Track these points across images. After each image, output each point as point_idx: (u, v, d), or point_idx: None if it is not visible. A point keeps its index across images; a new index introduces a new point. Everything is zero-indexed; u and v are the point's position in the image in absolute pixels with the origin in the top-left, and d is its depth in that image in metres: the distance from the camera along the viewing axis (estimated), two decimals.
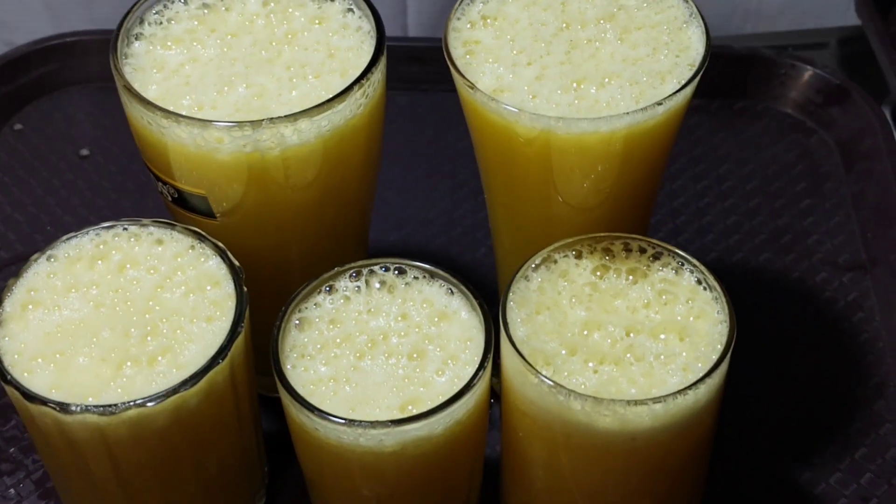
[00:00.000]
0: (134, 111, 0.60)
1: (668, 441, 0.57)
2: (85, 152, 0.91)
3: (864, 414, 0.74)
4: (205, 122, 0.58)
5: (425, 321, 0.61)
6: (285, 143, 0.59)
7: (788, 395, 0.75)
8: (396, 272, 0.62)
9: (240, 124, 0.57)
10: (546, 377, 0.55)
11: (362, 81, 0.60)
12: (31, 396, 0.56)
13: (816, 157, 0.90)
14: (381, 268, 0.62)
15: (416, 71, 0.95)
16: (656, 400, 0.54)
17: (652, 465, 0.58)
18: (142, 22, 0.64)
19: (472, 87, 0.58)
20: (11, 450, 0.73)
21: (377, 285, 0.62)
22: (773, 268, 0.82)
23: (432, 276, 0.62)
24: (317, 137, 0.59)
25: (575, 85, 0.58)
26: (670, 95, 0.57)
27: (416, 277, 0.62)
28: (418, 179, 0.89)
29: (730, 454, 0.71)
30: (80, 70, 0.95)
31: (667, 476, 0.59)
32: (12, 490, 0.71)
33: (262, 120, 0.57)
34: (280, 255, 0.65)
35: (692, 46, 0.60)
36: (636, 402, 0.54)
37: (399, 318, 0.61)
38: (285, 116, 0.58)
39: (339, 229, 0.67)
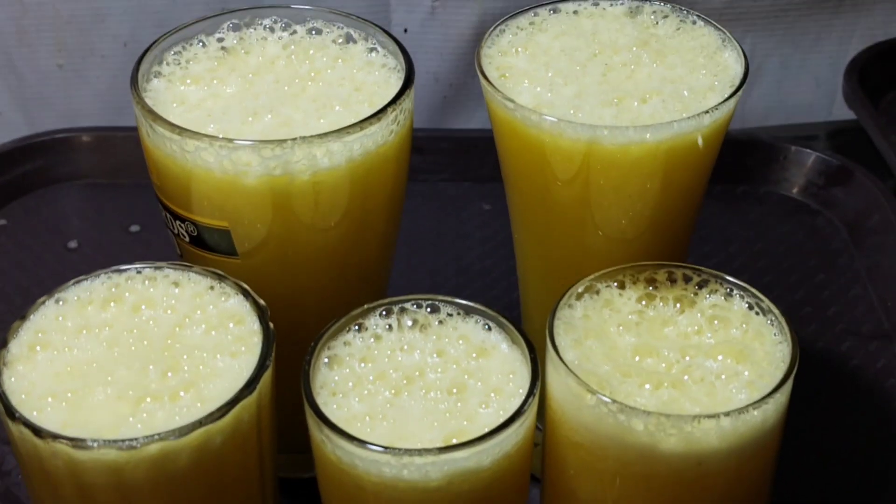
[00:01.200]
0: (155, 140, 0.57)
1: (734, 468, 0.53)
2: (73, 245, 0.87)
3: None
4: (234, 143, 0.55)
5: (463, 357, 0.57)
6: (316, 166, 0.56)
7: (832, 463, 0.71)
8: (429, 310, 0.59)
9: (271, 143, 0.55)
10: (605, 396, 0.52)
11: (395, 105, 0.58)
12: (41, 432, 0.51)
13: (824, 236, 0.89)
14: (412, 304, 0.59)
15: (414, 161, 0.93)
16: (726, 414, 0.51)
17: (717, 495, 0.53)
18: (160, 62, 0.62)
19: (513, 102, 0.56)
20: None
21: (409, 323, 0.58)
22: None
23: (468, 312, 0.59)
24: (347, 161, 0.57)
25: (616, 100, 0.57)
26: (717, 105, 0.55)
27: (450, 315, 0.59)
28: (423, 262, 0.86)
29: None
30: (67, 167, 0.93)
31: None
32: None
33: (295, 138, 0.55)
34: (300, 303, 0.62)
35: (730, 67, 0.59)
36: (704, 417, 0.51)
37: (435, 355, 0.57)
38: (318, 136, 0.55)
39: (360, 279, 0.63)
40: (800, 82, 1.09)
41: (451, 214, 0.91)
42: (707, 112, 0.55)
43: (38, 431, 0.51)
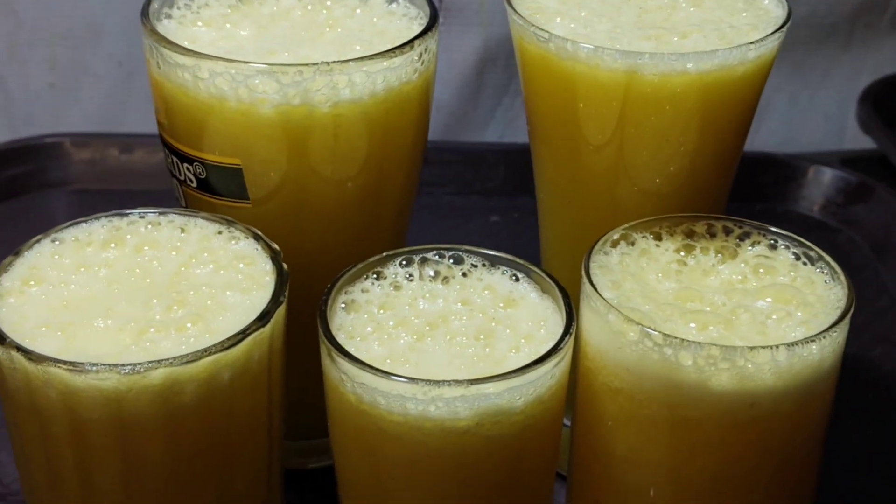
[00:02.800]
0: (166, 70, 0.54)
1: (787, 413, 0.48)
2: None
3: None
4: (251, 66, 0.52)
5: (490, 306, 0.53)
6: (337, 97, 0.53)
7: (867, 462, 0.67)
8: (452, 260, 0.55)
9: (291, 67, 0.52)
10: (650, 328, 0.48)
11: (422, 39, 0.55)
12: (33, 355, 0.46)
13: (846, 252, 0.86)
14: (434, 254, 0.55)
15: None
16: (783, 345, 0.47)
17: (769, 448, 0.49)
18: (171, 6, 0.59)
19: (547, 33, 0.53)
20: None
21: (431, 273, 0.54)
22: None
23: (493, 263, 0.55)
24: (370, 96, 0.53)
25: (654, 35, 0.54)
26: (763, 38, 0.53)
27: (474, 265, 0.55)
28: None
29: None
30: (57, 172, 0.90)
31: (781, 472, 0.50)
32: None
33: (317, 63, 0.52)
34: (312, 258, 0.57)
35: (771, 11, 0.56)
36: (760, 348, 0.47)
37: (459, 304, 0.53)
38: (340, 62, 0.52)
39: (377, 237, 0.59)
40: (809, 118, 1.08)
41: (458, 227, 0.87)
42: (753, 43, 0.52)
43: (29, 355, 0.46)
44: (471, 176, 0.91)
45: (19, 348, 0.47)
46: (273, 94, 0.52)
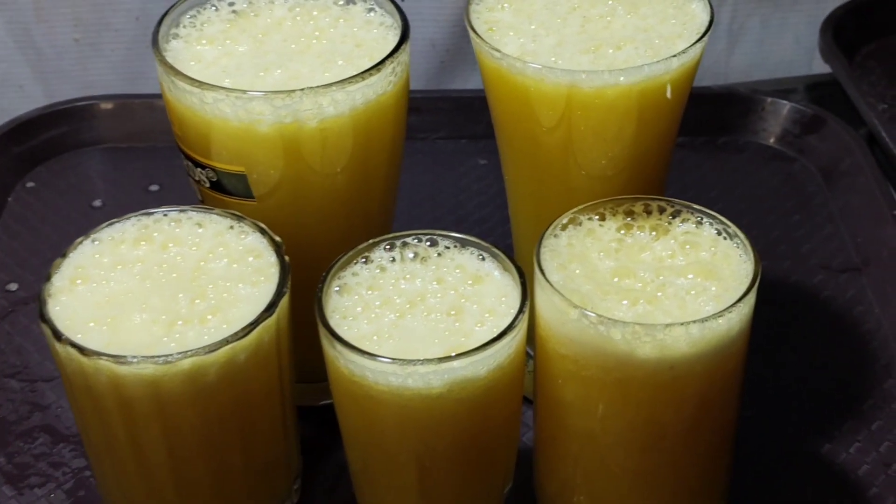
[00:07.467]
0: (177, 94, 0.63)
1: (703, 372, 0.59)
2: (97, 203, 0.93)
3: (877, 392, 0.77)
4: (248, 94, 0.61)
5: (460, 283, 0.63)
6: (322, 114, 0.62)
7: (806, 381, 0.78)
8: (428, 243, 0.65)
9: (281, 93, 0.61)
10: (587, 310, 0.58)
11: (393, 57, 0.64)
12: (85, 350, 0.57)
13: (800, 180, 0.95)
14: (413, 238, 0.65)
15: (412, 120, 0.99)
16: (693, 322, 0.57)
17: (687, 400, 0.60)
18: (177, 25, 0.68)
19: (499, 52, 0.62)
20: (40, 464, 0.73)
21: (410, 255, 0.65)
22: (773, 273, 0.86)
23: (463, 244, 0.65)
24: (351, 110, 0.63)
25: (593, 48, 0.63)
26: (685, 50, 0.61)
27: (447, 247, 0.65)
28: (424, 214, 0.92)
29: (756, 435, 0.73)
30: (88, 132, 0.99)
31: (701, 418, 0.61)
32: (44, 500, 0.71)
33: (304, 88, 0.61)
34: (311, 242, 0.67)
35: (697, 16, 0.65)
36: (675, 325, 0.57)
37: (434, 282, 0.63)
38: (324, 86, 0.62)
39: (365, 221, 0.69)
40: (780, 40, 1.15)
41: (449, 170, 0.97)
42: (675, 56, 0.61)
43: (82, 350, 0.57)
44: (460, 122, 0.99)
45: (73, 344, 0.58)
46: (268, 115, 0.62)
